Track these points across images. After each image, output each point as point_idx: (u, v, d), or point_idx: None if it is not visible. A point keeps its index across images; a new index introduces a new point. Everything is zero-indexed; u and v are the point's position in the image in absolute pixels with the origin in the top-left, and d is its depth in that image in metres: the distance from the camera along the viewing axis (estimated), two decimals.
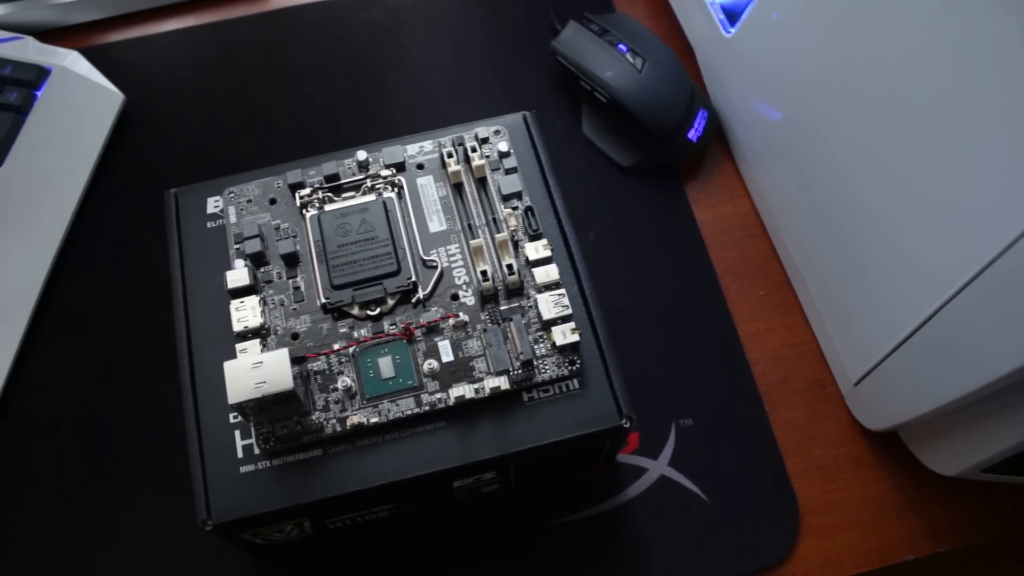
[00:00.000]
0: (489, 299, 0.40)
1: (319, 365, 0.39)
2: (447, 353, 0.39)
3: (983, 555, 0.47)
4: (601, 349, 0.40)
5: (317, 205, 0.42)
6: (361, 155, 0.43)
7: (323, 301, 0.40)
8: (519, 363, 0.38)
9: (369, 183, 0.43)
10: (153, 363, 0.50)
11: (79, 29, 0.62)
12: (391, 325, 0.40)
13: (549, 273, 0.40)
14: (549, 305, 0.39)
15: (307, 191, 0.43)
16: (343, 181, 0.43)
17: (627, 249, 0.53)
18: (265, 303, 0.40)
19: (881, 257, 0.42)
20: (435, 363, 0.39)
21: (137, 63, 0.61)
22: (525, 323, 0.39)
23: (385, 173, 0.43)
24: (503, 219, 0.41)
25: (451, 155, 0.43)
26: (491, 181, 0.42)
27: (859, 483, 0.47)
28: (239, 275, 0.40)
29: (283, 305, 0.40)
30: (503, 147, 0.43)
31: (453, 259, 0.41)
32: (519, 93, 0.59)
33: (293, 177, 0.43)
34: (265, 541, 0.41)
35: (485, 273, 0.39)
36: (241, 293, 0.40)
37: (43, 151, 0.54)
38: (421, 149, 0.44)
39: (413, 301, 0.40)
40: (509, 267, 0.40)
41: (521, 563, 0.45)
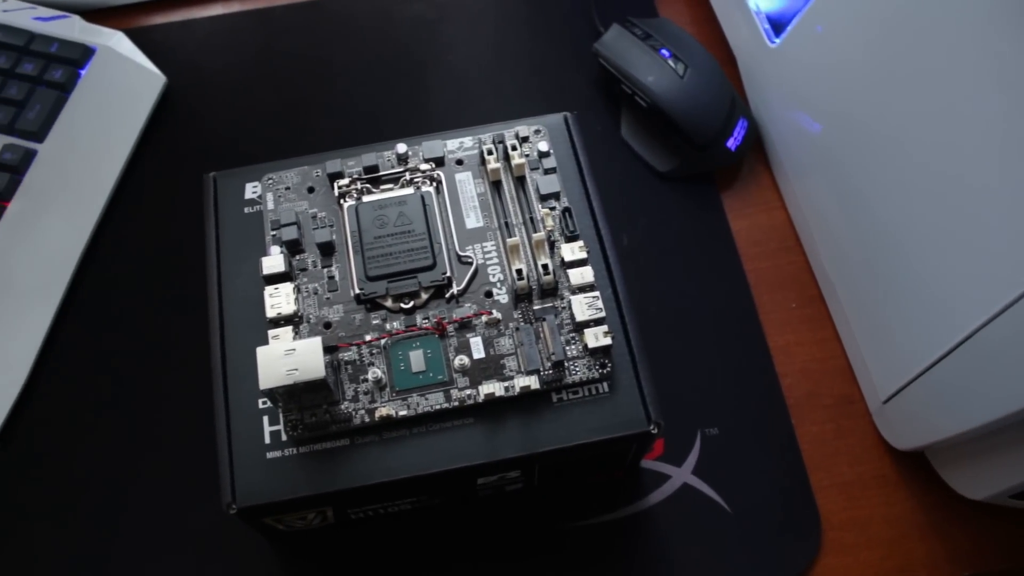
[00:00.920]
0: (523, 298, 0.40)
1: (350, 355, 0.39)
2: (478, 350, 0.39)
3: None
4: (632, 354, 0.39)
5: (355, 196, 0.42)
6: (401, 148, 0.43)
7: (357, 292, 0.40)
8: (550, 363, 0.38)
9: (408, 176, 0.43)
10: (184, 345, 0.50)
11: (125, 10, 0.62)
12: (424, 319, 0.40)
13: (584, 275, 0.40)
14: (583, 307, 0.39)
15: (346, 181, 0.43)
16: (382, 173, 0.43)
17: (660, 255, 0.53)
18: (299, 291, 0.40)
19: (918, 276, 0.41)
20: (466, 359, 0.39)
21: (180, 46, 0.61)
22: (558, 324, 0.39)
23: (424, 167, 0.43)
24: (540, 219, 0.41)
25: (491, 152, 0.43)
26: (530, 180, 0.42)
27: (883, 502, 0.47)
28: (274, 261, 0.40)
29: (317, 294, 0.40)
30: (543, 147, 0.43)
31: (488, 256, 0.41)
32: (558, 93, 0.59)
33: (332, 167, 0.43)
34: (287, 527, 0.41)
35: (520, 272, 0.39)
36: (276, 280, 0.40)
37: (84, 129, 0.55)
38: (461, 145, 0.44)
39: (447, 296, 0.40)
40: (544, 267, 0.39)
41: (540, 563, 0.45)
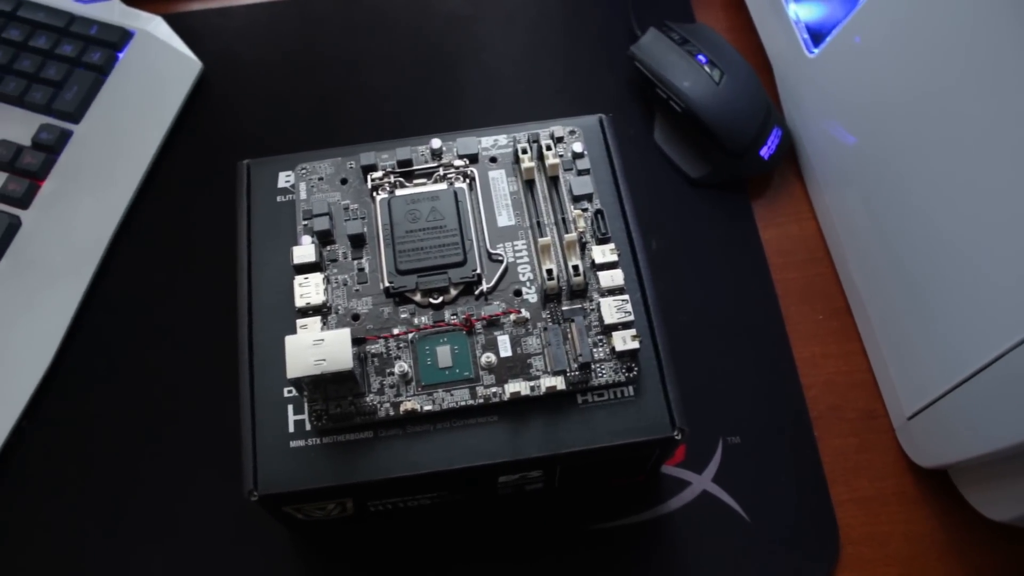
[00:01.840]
0: (552, 298, 0.40)
1: (377, 348, 0.39)
2: (506, 348, 0.39)
3: None
4: (659, 358, 0.39)
5: (388, 189, 0.42)
6: (435, 143, 0.43)
7: (386, 285, 0.40)
8: (577, 365, 0.38)
9: (441, 172, 0.43)
10: (210, 331, 0.50)
11: None
12: (452, 315, 0.40)
13: (614, 278, 0.40)
14: (612, 310, 0.39)
15: (379, 174, 0.43)
16: (415, 167, 0.43)
17: (689, 261, 0.53)
18: (329, 281, 0.40)
19: (949, 293, 0.41)
20: (493, 357, 0.39)
21: (217, 33, 0.61)
22: (586, 325, 0.39)
23: (458, 163, 0.43)
24: (572, 220, 0.41)
25: (525, 151, 0.43)
26: (563, 181, 0.42)
27: (903, 519, 0.46)
28: (305, 251, 0.40)
29: (346, 285, 0.40)
30: (577, 148, 0.43)
31: (519, 255, 0.41)
32: (593, 95, 0.59)
33: (366, 159, 0.43)
34: (306, 517, 0.41)
35: (550, 272, 0.39)
36: (306, 269, 0.40)
37: (120, 112, 0.55)
38: (495, 142, 0.44)
39: (476, 293, 0.40)
40: (575, 268, 0.39)
41: (558, 564, 0.45)
